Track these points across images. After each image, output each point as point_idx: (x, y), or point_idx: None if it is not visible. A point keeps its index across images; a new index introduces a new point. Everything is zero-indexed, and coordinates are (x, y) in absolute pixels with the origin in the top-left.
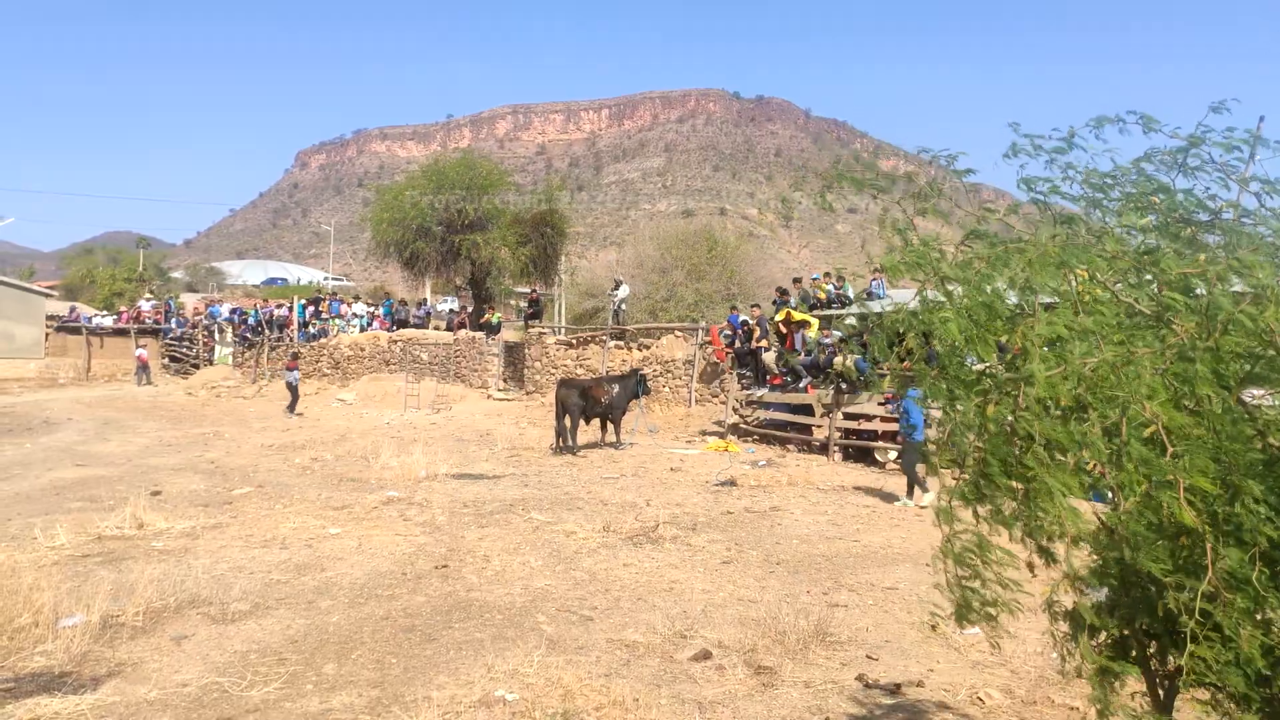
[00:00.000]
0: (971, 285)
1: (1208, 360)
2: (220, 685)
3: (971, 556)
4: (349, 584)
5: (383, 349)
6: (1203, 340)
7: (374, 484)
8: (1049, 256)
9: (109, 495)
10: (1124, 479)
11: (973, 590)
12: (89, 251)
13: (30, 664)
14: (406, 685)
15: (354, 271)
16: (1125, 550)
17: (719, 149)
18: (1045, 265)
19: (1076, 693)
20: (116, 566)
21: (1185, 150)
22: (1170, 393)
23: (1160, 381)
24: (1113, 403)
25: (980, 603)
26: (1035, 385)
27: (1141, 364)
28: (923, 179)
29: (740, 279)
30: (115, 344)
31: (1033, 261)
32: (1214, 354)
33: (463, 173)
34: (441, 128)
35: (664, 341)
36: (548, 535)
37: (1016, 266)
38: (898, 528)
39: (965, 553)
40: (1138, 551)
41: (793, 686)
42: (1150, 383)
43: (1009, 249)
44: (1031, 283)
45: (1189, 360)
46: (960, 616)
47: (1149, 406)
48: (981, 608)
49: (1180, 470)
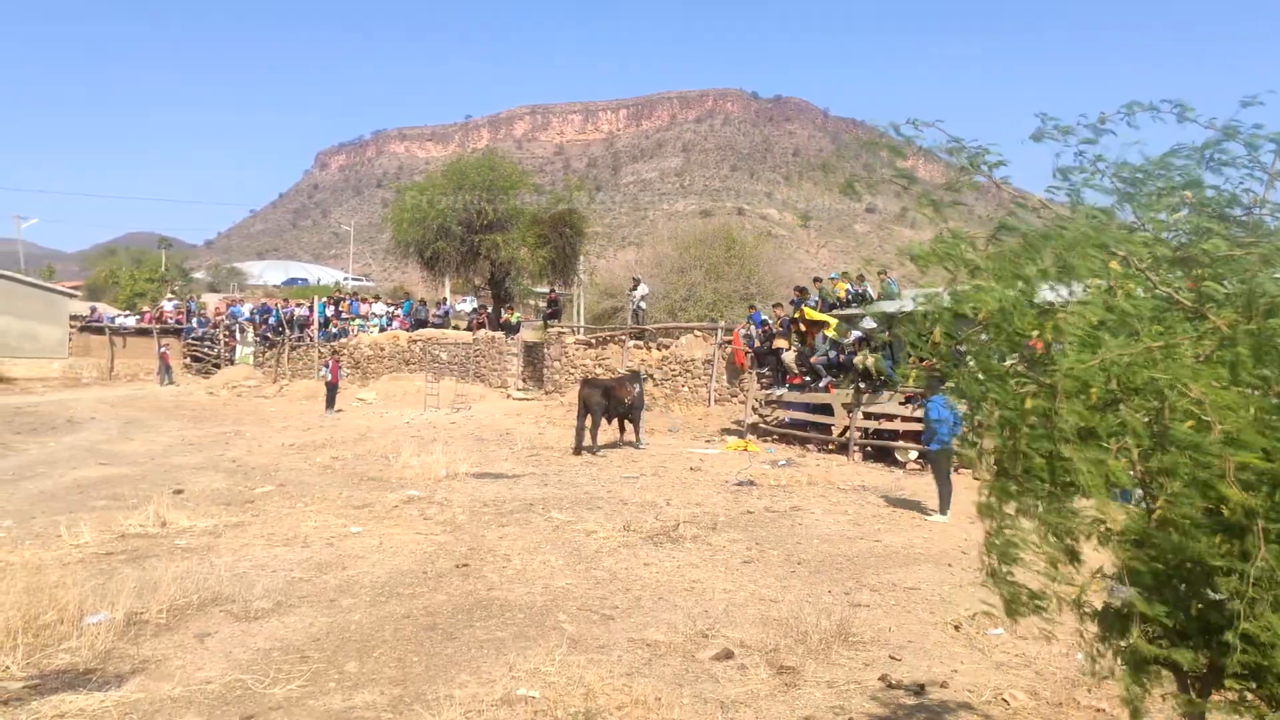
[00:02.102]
0: (1006, 266)
1: (1250, 345)
2: (243, 682)
3: (1016, 550)
4: (370, 582)
5: (402, 349)
6: (1246, 325)
7: (395, 483)
8: (1088, 237)
9: (132, 493)
10: (1168, 463)
11: (1019, 584)
12: (111, 252)
13: (56, 661)
14: (428, 683)
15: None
16: (1174, 535)
17: (737, 149)
18: (1085, 246)
19: (1103, 695)
20: (140, 564)
21: (1216, 144)
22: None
23: (1202, 368)
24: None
25: (1029, 595)
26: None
27: (1182, 350)
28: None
29: (759, 278)
30: (138, 344)
31: (1072, 243)
32: (1257, 338)
33: (484, 173)
34: (460, 128)
35: (683, 341)
36: (568, 534)
37: (1051, 251)
38: (919, 528)
39: (1009, 546)
40: (1186, 536)
41: (815, 686)
42: (1193, 368)
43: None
44: (1069, 264)
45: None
46: (1010, 611)
47: (1194, 387)
48: (1030, 600)
49: (1228, 449)
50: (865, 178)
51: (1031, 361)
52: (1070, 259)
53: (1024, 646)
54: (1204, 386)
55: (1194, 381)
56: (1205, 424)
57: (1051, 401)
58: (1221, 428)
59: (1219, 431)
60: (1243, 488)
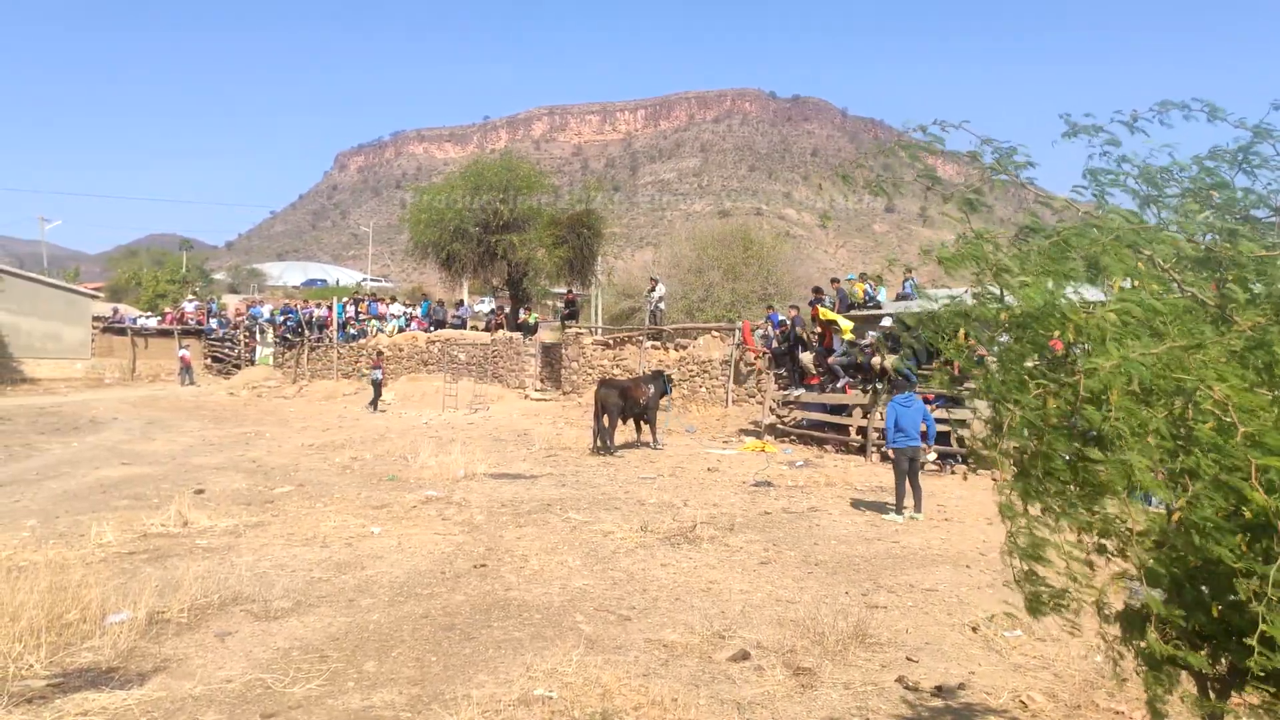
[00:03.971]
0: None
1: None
2: (263, 681)
3: (1038, 549)
4: (389, 582)
5: (421, 349)
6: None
7: (413, 483)
8: (1122, 236)
9: (154, 493)
10: (1192, 464)
11: (1042, 584)
12: (133, 254)
13: (78, 659)
14: (446, 683)
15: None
16: (1195, 537)
17: (755, 149)
18: (1117, 245)
19: (1123, 697)
20: (162, 564)
21: (1248, 147)
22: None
23: (1229, 368)
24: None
25: (1050, 595)
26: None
27: (1209, 350)
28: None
29: (777, 279)
30: (159, 345)
31: (1105, 242)
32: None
33: (502, 174)
34: (478, 129)
35: (700, 342)
36: (585, 535)
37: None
38: (936, 529)
39: (1032, 546)
40: (1207, 538)
41: (832, 688)
42: (1219, 368)
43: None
44: (1100, 263)
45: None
46: (1032, 610)
47: (1218, 389)
48: (1051, 600)
49: (1252, 451)
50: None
51: (1053, 362)
52: (1103, 259)
53: (1042, 648)
54: (1229, 388)
55: (1219, 383)
56: (1228, 425)
57: (1074, 402)
58: (1245, 430)
59: (1243, 434)
60: (1266, 489)
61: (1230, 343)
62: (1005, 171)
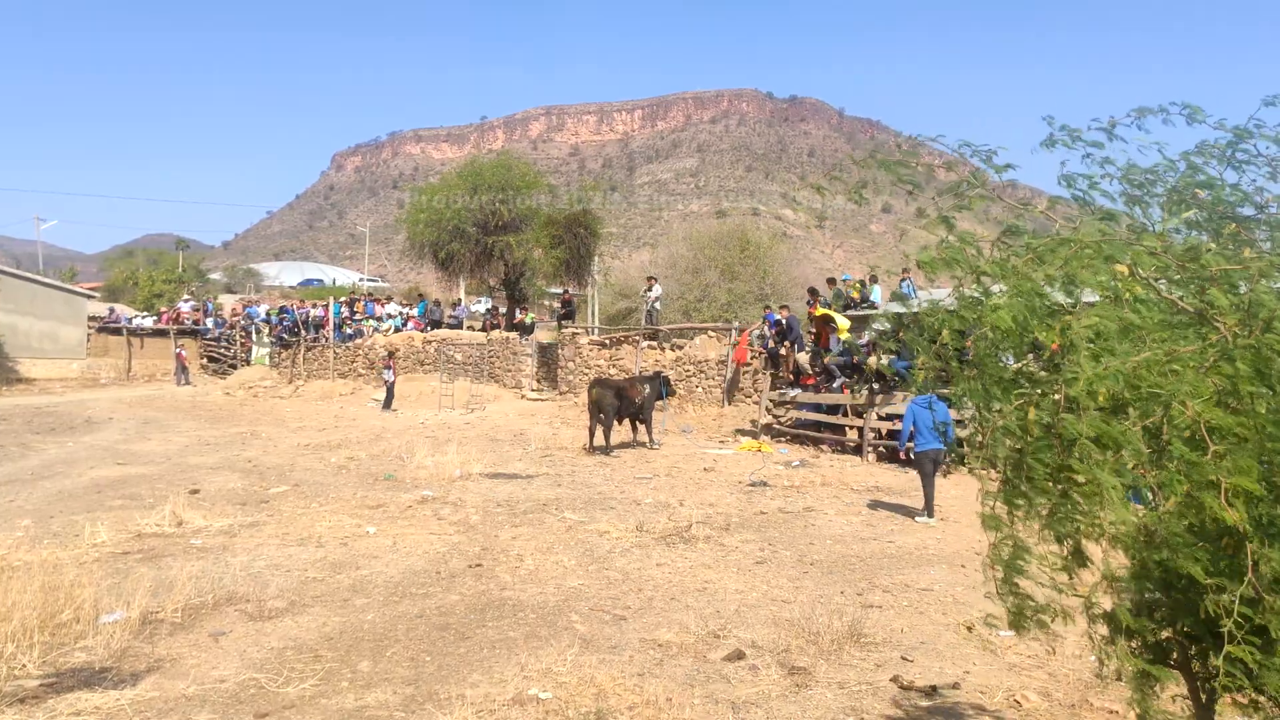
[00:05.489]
0: (1020, 274)
1: (1249, 358)
2: (257, 681)
3: (1022, 562)
4: (384, 582)
5: (417, 349)
6: (1244, 338)
7: (409, 483)
8: (1094, 249)
9: (149, 493)
10: (1165, 479)
11: (1025, 597)
12: (129, 254)
13: (71, 659)
14: (441, 683)
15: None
16: (1165, 551)
17: (752, 149)
18: (1089, 259)
19: (1116, 696)
20: (156, 563)
21: (1234, 144)
22: (1213, 392)
23: (1203, 381)
24: (1155, 400)
25: (1033, 610)
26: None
27: (1184, 362)
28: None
29: (774, 279)
30: (155, 344)
31: (1076, 255)
32: (1256, 352)
33: (499, 174)
34: (475, 129)
35: (697, 342)
36: (581, 535)
37: (1058, 260)
38: (932, 529)
39: (1015, 559)
40: (1177, 553)
41: (827, 687)
42: (1193, 382)
43: (1053, 241)
44: (1075, 277)
45: (1231, 360)
46: (1015, 624)
47: (1191, 405)
48: (1034, 615)
49: (1223, 470)
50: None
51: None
52: (1076, 270)
53: (1036, 648)
54: (1203, 406)
55: (1192, 399)
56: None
57: (1054, 413)
58: (1215, 449)
59: (1214, 452)
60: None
61: (1204, 355)
62: (982, 185)
